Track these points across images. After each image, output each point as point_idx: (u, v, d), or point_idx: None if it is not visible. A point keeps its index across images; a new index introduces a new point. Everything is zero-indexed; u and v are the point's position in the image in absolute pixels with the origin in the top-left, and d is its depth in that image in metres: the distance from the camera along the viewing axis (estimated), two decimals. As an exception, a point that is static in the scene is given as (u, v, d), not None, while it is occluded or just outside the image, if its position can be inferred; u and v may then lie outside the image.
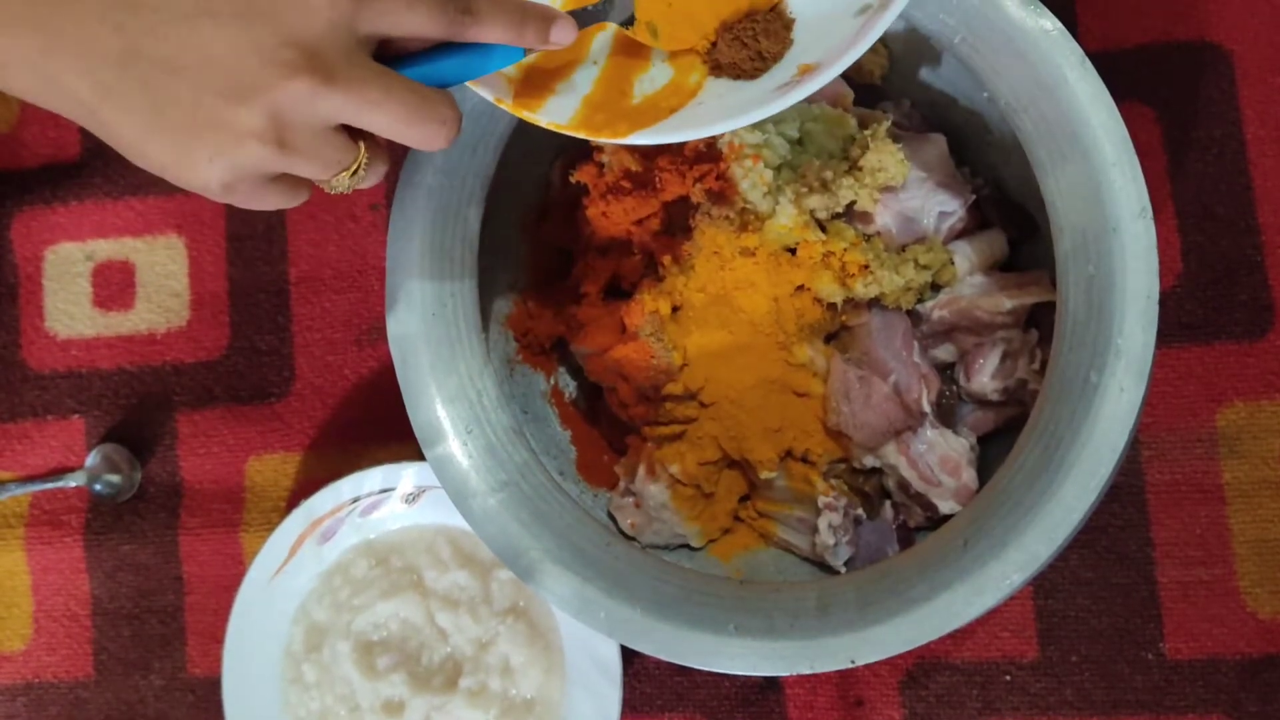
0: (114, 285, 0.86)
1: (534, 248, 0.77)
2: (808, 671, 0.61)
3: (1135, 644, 0.72)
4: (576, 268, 0.75)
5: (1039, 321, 0.69)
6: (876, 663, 0.63)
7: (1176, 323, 0.73)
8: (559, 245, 0.76)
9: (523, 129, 0.68)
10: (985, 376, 0.69)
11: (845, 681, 0.74)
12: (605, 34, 0.60)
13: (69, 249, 0.87)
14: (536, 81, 0.58)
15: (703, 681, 0.76)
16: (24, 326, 0.87)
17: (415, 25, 0.50)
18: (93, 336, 0.86)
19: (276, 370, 0.83)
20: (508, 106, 0.57)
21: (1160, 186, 0.74)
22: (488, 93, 0.57)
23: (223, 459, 0.83)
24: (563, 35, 0.54)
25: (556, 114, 0.57)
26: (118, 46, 0.47)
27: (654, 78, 0.59)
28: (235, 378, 0.84)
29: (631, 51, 0.59)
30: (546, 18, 0.54)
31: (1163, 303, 0.58)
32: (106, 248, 0.86)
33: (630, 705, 0.77)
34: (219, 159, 0.49)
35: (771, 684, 0.76)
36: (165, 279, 0.85)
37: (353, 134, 0.51)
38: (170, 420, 0.84)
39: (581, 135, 0.56)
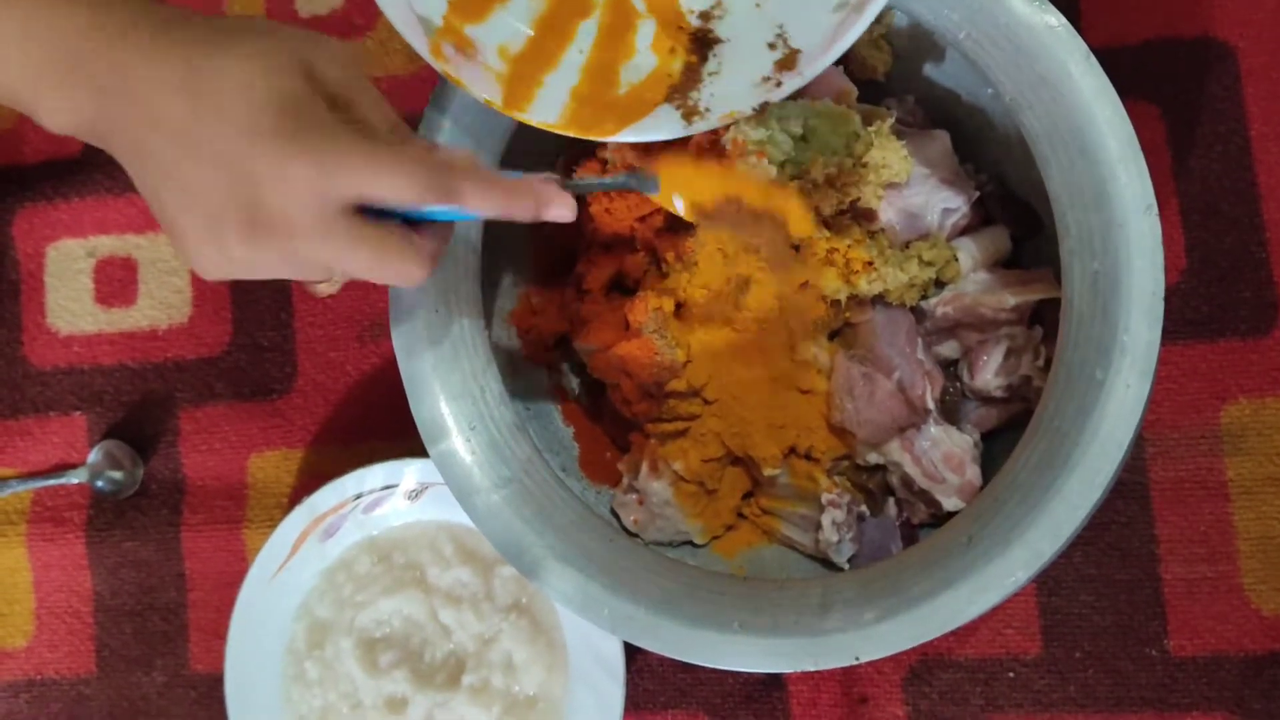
0: (116, 281, 0.86)
1: (537, 244, 0.76)
2: (811, 668, 0.61)
3: (1139, 641, 0.72)
4: (580, 264, 0.75)
5: (1043, 318, 0.69)
6: (880, 660, 0.63)
7: (1181, 319, 0.73)
8: (562, 242, 0.76)
9: (527, 128, 0.68)
10: (989, 373, 0.69)
11: (849, 678, 0.74)
12: (590, 20, 0.60)
13: (71, 245, 0.87)
14: (524, 74, 0.58)
15: (706, 678, 0.76)
16: (26, 323, 0.87)
17: (394, 193, 0.51)
18: (95, 333, 0.86)
19: (279, 367, 0.83)
20: (497, 107, 0.57)
21: (1165, 183, 0.73)
22: (478, 92, 0.57)
23: (225, 455, 0.83)
24: (559, 215, 0.56)
25: (545, 111, 0.57)
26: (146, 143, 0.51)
27: (639, 65, 0.59)
28: (237, 374, 0.83)
29: (616, 34, 0.60)
30: (540, 199, 0.55)
31: (1167, 299, 0.58)
32: (108, 244, 0.86)
33: (633, 702, 0.77)
34: (214, 269, 0.52)
35: (775, 681, 0.76)
36: (167, 275, 0.85)
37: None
38: (172, 417, 0.84)
39: (571, 134, 0.57)
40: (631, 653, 0.74)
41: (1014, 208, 0.71)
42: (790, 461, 0.70)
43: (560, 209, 0.56)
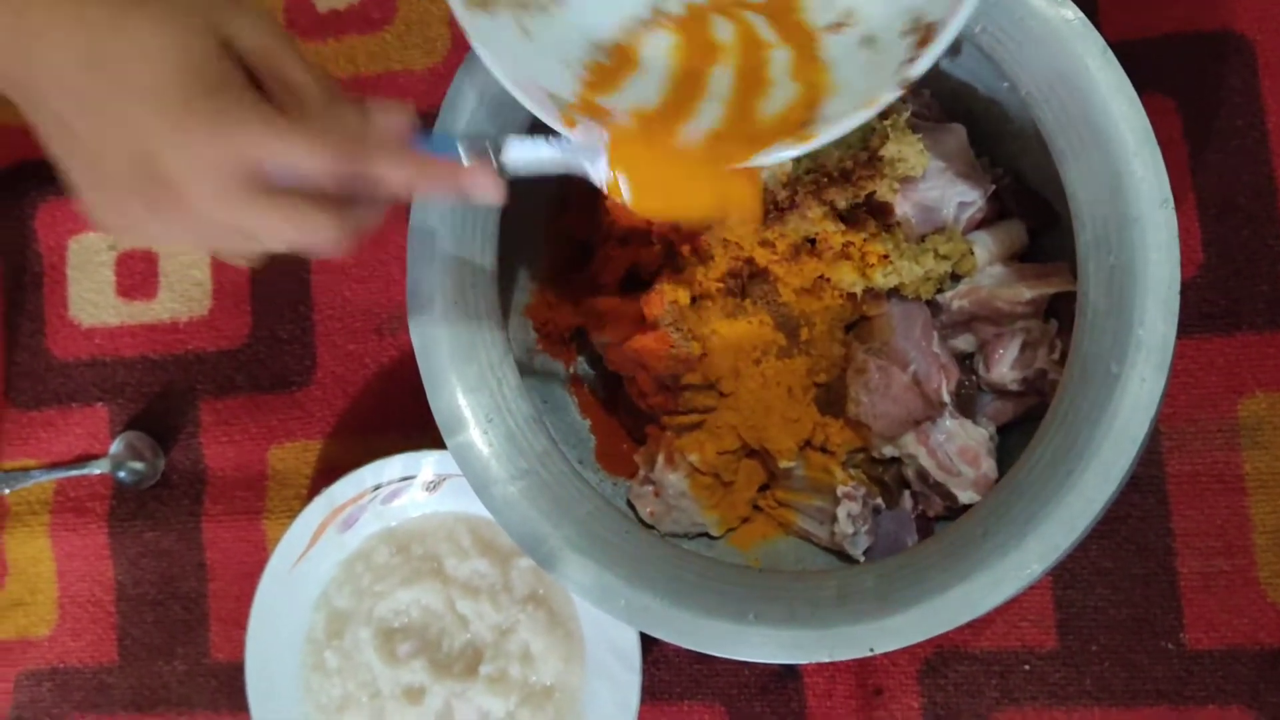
0: (137, 274, 0.86)
1: (553, 238, 0.77)
2: (827, 660, 0.61)
3: (1155, 634, 0.72)
4: (596, 258, 0.75)
5: (1059, 312, 0.69)
6: (895, 651, 0.63)
7: (1197, 313, 0.73)
8: (578, 235, 0.76)
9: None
10: (1005, 366, 0.69)
11: (864, 670, 0.75)
12: (723, 66, 0.59)
13: (92, 238, 0.87)
14: (659, 128, 0.57)
15: (722, 669, 0.76)
16: (48, 315, 0.87)
17: (298, 166, 0.50)
18: (116, 325, 0.86)
19: (298, 359, 0.84)
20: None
21: (1181, 177, 0.73)
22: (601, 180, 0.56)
23: (245, 447, 0.84)
24: (485, 199, 0.55)
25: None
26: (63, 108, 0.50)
27: (779, 96, 0.58)
28: (257, 366, 0.84)
29: (752, 74, 0.58)
30: (462, 183, 0.54)
31: (1184, 293, 0.58)
32: (130, 237, 0.87)
33: (649, 693, 0.77)
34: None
35: (790, 672, 0.76)
36: (187, 268, 0.86)
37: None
38: (193, 408, 0.85)
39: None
40: (647, 643, 0.75)
41: (1030, 201, 0.71)
42: (806, 454, 0.71)
43: (485, 194, 0.54)
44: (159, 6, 0.49)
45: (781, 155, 0.55)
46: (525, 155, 0.55)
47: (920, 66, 0.53)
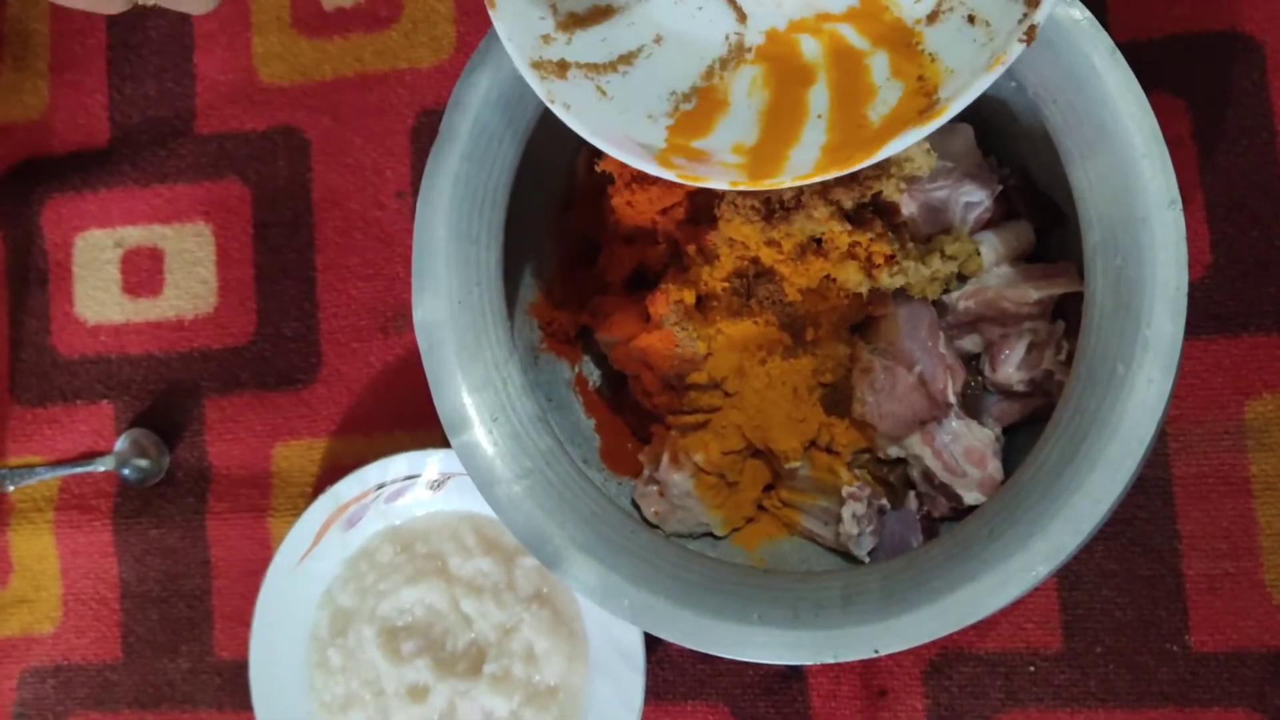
0: (142, 272, 0.87)
1: (559, 236, 0.77)
2: (831, 661, 0.61)
3: (1160, 636, 0.72)
4: (601, 257, 0.75)
5: (1066, 312, 0.69)
6: (900, 653, 0.63)
7: (1205, 314, 0.72)
8: (584, 234, 0.76)
9: (549, 119, 0.68)
10: (1011, 367, 0.68)
11: (869, 671, 0.75)
12: (818, 85, 0.57)
13: (98, 236, 0.87)
14: (767, 155, 0.55)
15: (726, 670, 0.76)
16: (54, 312, 0.88)
17: None
18: (121, 322, 0.86)
19: (303, 357, 0.84)
20: (744, 186, 0.54)
21: (1190, 178, 0.73)
22: (718, 185, 0.54)
23: (250, 444, 0.84)
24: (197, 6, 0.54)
25: (796, 172, 0.54)
26: None
27: (885, 99, 0.55)
28: (262, 364, 0.84)
29: (851, 85, 0.56)
30: None
31: (1191, 294, 0.58)
32: (135, 234, 0.87)
33: (653, 693, 0.77)
34: None
35: (795, 673, 0.76)
36: (193, 266, 0.86)
37: None
38: (198, 406, 0.85)
39: (832, 174, 0.53)
40: (652, 643, 0.75)
41: (1037, 202, 0.71)
42: (811, 454, 0.71)
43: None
44: None
45: (908, 141, 0.52)
46: None
47: (1044, 10, 0.51)
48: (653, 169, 0.55)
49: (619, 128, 0.56)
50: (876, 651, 0.60)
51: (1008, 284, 0.69)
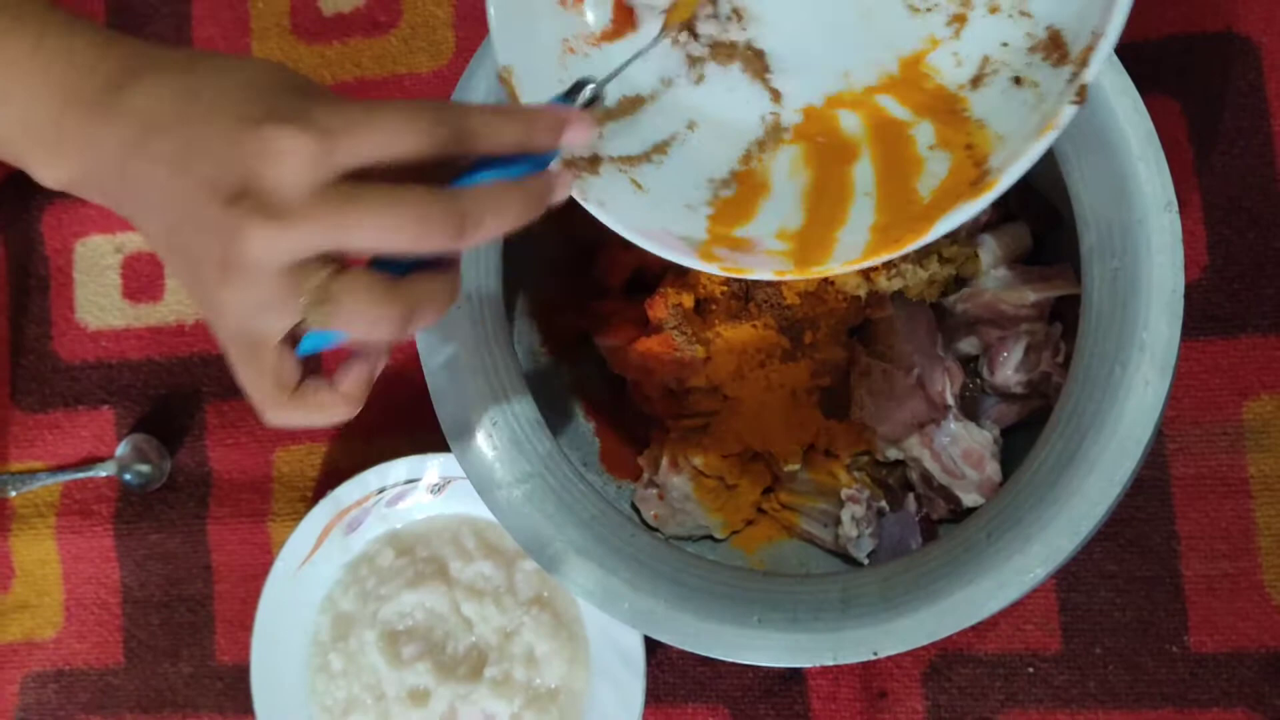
0: (143, 277, 0.87)
1: (558, 241, 0.77)
2: (830, 663, 0.61)
3: (1159, 637, 0.72)
4: (600, 261, 0.75)
5: (1063, 315, 0.69)
6: (899, 654, 0.63)
7: (1203, 315, 0.73)
8: (583, 238, 0.76)
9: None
10: (1009, 370, 0.69)
11: (868, 673, 0.75)
12: (862, 162, 0.54)
13: (99, 241, 0.88)
14: (813, 240, 0.53)
15: (726, 672, 0.77)
16: (55, 318, 0.88)
17: (400, 150, 0.45)
18: (122, 328, 0.87)
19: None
20: (792, 275, 0.52)
21: (1186, 179, 0.73)
22: (763, 275, 0.52)
23: (251, 449, 0.84)
24: (578, 137, 0.50)
25: (846, 256, 0.51)
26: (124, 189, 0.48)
27: (934, 171, 0.52)
28: (263, 369, 0.84)
29: (896, 158, 0.53)
30: (557, 121, 0.49)
31: (1189, 295, 0.58)
32: (136, 240, 0.87)
33: (653, 695, 0.77)
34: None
35: (794, 675, 0.76)
36: (193, 271, 0.86)
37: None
38: (199, 411, 0.85)
39: (882, 257, 0.50)
40: (652, 646, 0.75)
41: (1034, 204, 0.71)
42: (810, 457, 0.71)
43: (582, 140, 0.51)
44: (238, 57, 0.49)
45: (962, 218, 0.49)
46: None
47: (1093, 69, 0.49)
48: (696, 264, 0.52)
49: (657, 222, 0.54)
50: (876, 653, 0.60)
51: (1005, 286, 0.69)
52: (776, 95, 0.57)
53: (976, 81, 0.54)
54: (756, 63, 0.57)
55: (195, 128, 0.46)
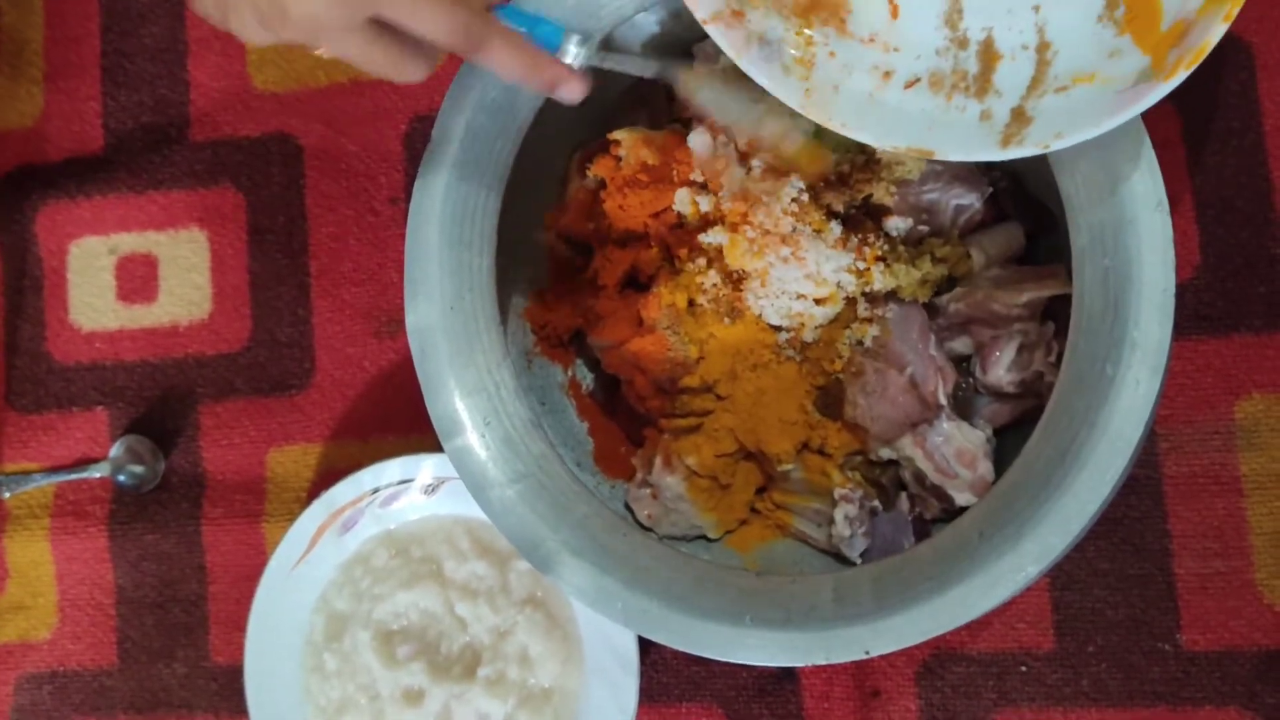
0: (137, 278, 0.87)
1: (552, 240, 0.77)
2: (824, 662, 0.61)
3: (1152, 635, 0.72)
4: (594, 260, 0.75)
5: (1055, 314, 0.69)
6: (892, 653, 0.63)
7: (1195, 315, 0.73)
8: (577, 238, 0.77)
9: (541, 123, 0.68)
10: (1001, 369, 0.69)
11: (861, 672, 0.75)
12: None
13: (93, 242, 0.88)
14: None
15: (720, 671, 0.77)
16: (49, 319, 0.88)
17: (426, 28, 0.53)
18: (116, 329, 0.87)
19: (297, 362, 0.84)
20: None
21: (1179, 179, 0.73)
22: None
23: (244, 450, 0.84)
24: (568, 95, 0.59)
25: None
26: None
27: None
28: (256, 370, 0.84)
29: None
30: (556, 77, 0.58)
31: (1181, 295, 0.58)
32: (129, 241, 0.87)
33: (647, 695, 0.77)
34: None
35: (788, 674, 0.76)
36: (187, 272, 0.86)
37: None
38: (193, 412, 0.85)
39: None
40: (646, 646, 0.75)
41: (1027, 204, 0.71)
42: (803, 457, 0.71)
43: (573, 94, 0.59)
44: None
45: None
46: (621, 60, 0.60)
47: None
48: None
49: None
50: (868, 652, 0.60)
51: (998, 286, 0.69)
52: None
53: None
54: None
55: None
